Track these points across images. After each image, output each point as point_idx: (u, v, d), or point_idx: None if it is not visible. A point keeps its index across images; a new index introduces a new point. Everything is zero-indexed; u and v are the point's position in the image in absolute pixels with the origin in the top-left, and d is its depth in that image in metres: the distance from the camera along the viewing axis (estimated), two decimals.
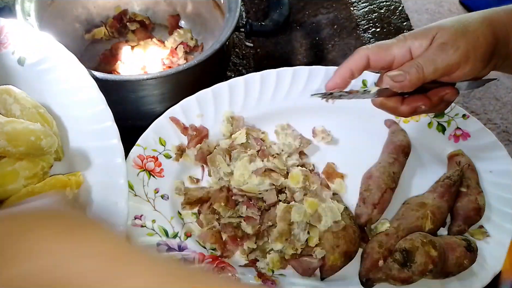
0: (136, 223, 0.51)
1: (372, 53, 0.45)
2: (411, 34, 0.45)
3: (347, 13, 0.86)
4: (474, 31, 0.44)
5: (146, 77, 0.56)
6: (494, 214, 0.56)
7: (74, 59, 0.52)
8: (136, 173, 0.54)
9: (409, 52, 0.45)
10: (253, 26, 0.65)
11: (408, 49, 0.45)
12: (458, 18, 0.46)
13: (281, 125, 0.61)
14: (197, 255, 0.51)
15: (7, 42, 0.53)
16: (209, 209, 0.54)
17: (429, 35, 0.44)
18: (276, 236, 0.52)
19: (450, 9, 2.02)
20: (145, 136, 0.56)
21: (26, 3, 0.60)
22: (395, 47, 0.45)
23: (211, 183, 0.57)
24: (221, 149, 0.57)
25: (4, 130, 0.43)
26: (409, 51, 0.45)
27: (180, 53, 0.74)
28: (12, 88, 0.49)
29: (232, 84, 0.61)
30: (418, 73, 0.43)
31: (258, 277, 0.50)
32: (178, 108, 0.58)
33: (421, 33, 0.45)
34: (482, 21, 0.45)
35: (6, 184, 0.45)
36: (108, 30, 0.75)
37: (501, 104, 1.73)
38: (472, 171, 0.58)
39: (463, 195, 0.56)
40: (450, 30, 0.44)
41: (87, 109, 0.50)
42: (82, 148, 0.50)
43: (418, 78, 0.43)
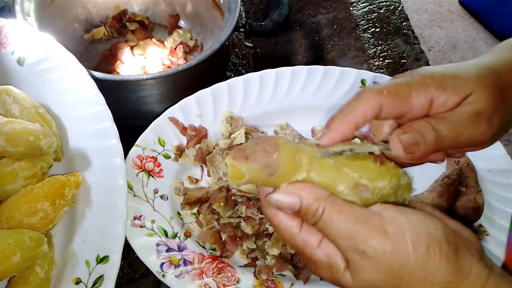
0: (136, 224, 0.51)
1: (387, 103, 0.33)
2: (436, 78, 0.34)
3: (346, 13, 0.86)
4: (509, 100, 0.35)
5: (146, 77, 0.56)
6: (493, 213, 0.56)
7: (74, 59, 0.52)
8: (135, 173, 0.54)
9: (429, 104, 0.34)
10: (253, 26, 0.65)
11: (430, 100, 0.34)
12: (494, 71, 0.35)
13: (280, 124, 0.61)
14: (197, 255, 0.51)
15: (6, 42, 0.53)
16: (209, 209, 0.54)
17: (462, 91, 0.34)
18: (273, 241, 0.52)
19: (450, 9, 2.02)
20: (144, 136, 0.56)
21: (26, 3, 0.60)
22: (414, 96, 0.33)
23: (211, 183, 0.57)
24: (220, 149, 0.57)
25: (3, 130, 0.43)
26: (430, 103, 0.34)
27: (180, 53, 0.74)
28: (12, 88, 0.49)
29: (231, 84, 0.61)
30: (435, 144, 0.33)
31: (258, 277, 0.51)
32: (177, 108, 0.58)
33: (452, 85, 0.34)
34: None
35: (5, 184, 0.45)
36: (108, 30, 0.75)
37: None
38: (471, 170, 0.58)
39: (462, 194, 0.56)
40: (489, 95, 0.34)
41: (86, 109, 0.50)
42: (81, 148, 0.50)
43: (433, 150, 0.33)
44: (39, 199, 0.44)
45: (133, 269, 0.56)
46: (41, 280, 0.43)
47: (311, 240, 0.31)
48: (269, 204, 0.32)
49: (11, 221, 0.43)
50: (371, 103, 0.33)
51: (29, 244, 0.41)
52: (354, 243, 0.29)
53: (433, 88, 0.33)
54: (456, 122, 0.33)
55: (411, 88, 0.34)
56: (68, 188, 0.45)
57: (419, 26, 1.93)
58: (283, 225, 0.32)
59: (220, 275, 0.50)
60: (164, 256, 0.49)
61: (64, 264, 0.46)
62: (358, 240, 0.29)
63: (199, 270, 0.49)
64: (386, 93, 0.33)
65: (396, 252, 0.28)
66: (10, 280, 0.43)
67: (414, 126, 0.33)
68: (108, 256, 0.45)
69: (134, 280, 0.55)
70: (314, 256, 0.31)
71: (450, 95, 0.33)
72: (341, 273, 0.31)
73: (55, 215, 0.45)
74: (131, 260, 0.56)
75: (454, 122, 0.33)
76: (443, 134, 0.33)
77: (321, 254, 0.31)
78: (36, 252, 0.42)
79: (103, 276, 0.45)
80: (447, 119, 0.33)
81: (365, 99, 0.33)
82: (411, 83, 0.34)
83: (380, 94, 0.33)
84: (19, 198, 0.44)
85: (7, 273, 0.41)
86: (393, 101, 0.33)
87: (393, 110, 0.33)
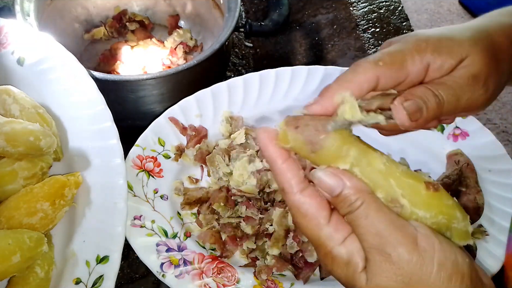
0: (136, 224, 0.51)
1: (383, 74, 0.32)
2: (431, 42, 0.33)
3: (346, 13, 0.86)
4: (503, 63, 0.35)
5: (146, 77, 0.56)
6: (493, 213, 0.56)
7: (74, 59, 0.52)
8: (135, 173, 0.54)
9: (425, 70, 0.33)
10: (253, 26, 0.65)
11: (426, 65, 0.33)
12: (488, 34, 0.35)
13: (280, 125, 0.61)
14: (197, 255, 0.51)
15: (6, 42, 0.53)
16: (209, 209, 0.54)
17: (457, 55, 0.33)
18: (273, 241, 0.52)
19: (450, 9, 2.02)
20: (144, 137, 0.56)
21: (26, 3, 0.60)
22: (410, 63, 0.33)
23: (210, 183, 0.57)
24: (220, 149, 0.57)
25: (3, 130, 0.43)
26: (427, 68, 0.33)
27: (180, 53, 0.74)
28: (11, 88, 0.49)
29: (231, 84, 0.61)
30: (437, 109, 0.32)
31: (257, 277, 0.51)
32: (177, 108, 0.58)
33: (447, 48, 0.33)
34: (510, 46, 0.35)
35: (5, 184, 0.45)
36: (108, 30, 0.75)
37: (501, 104, 1.73)
38: (471, 170, 0.58)
39: (462, 194, 0.56)
40: (485, 57, 0.33)
41: (86, 109, 0.50)
42: (81, 149, 0.50)
43: (434, 116, 0.33)
44: (39, 199, 0.44)
45: (133, 269, 0.56)
46: (41, 280, 0.43)
47: (336, 235, 0.30)
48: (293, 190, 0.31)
49: (11, 221, 0.43)
50: (367, 75, 0.32)
51: (29, 244, 0.41)
52: (381, 243, 0.28)
53: (428, 53, 0.33)
54: (455, 87, 0.33)
55: (406, 55, 0.33)
56: (68, 188, 0.45)
57: (419, 26, 1.93)
58: (312, 213, 0.30)
59: (220, 275, 0.50)
60: (164, 256, 0.49)
61: (64, 264, 0.46)
62: (386, 242, 0.28)
63: (199, 270, 0.49)
64: (382, 64, 0.32)
65: (420, 266, 0.28)
66: (10, 280, 0.43)
67: (416, 93, 0.32)
68: (108, 256, 0.45)
69: (134, 280, 0.55)
70: (335, 251, 0.30)
71: (446, 59, 0.33)
72: (357, 272, 0.30)
73: (55, 215, 0.45)
74: (131, 260, 0.56)
75: (453, 87, 0.33)
76: (444, 99, 0.32)
77: (343, 250, 0.30)
78: (36, 252, 0.42)
79: (103, 276, 0.45)
80: (446, 84, 0.33)
81: (362, 71, 0.32)
82: (405, 50, 0.33)
83: (376, 66, 0.32)
84: (19, 198, 0.44)
85: (7, 273, 0.41)
86: (390, 71, 0.32)
87: (390, 80, 0.33)
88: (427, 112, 0.32)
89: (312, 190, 0.31)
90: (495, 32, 0.36)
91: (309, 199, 0.30)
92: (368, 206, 0.29)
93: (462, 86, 0.33)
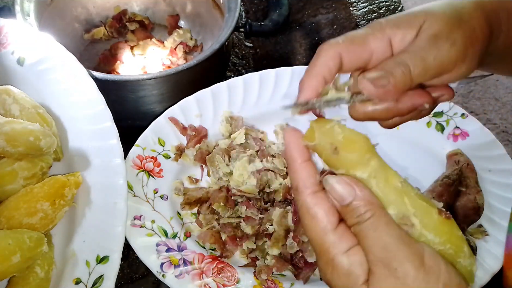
0: (136, 224, 0.51)
1: (345, 51, 0.34)
2: (389, 20, 0.35)
3: (346, 13, 0.86)
4: (469, 20, 0.35)
5: (146, 77, 0.56)
6: (493, 213, 0.56)
7: (74, 59, 0.52)
8: (135, 173, 0.54)
9: (389, 46, 0.34)
10: (253, 26, 0.65)
11: (388, 41, 0.34)
12: (447, 2, 0.36)
13: (280, 125, 0.61)
14: (197, 255, 0.51)
15: (6, 42, 0.53)
16: (209, 209, 0.54)
17: (415, 24, 0.34)
18: (273, 241, 0.52)
19: None
20: (144, 137, 0.56)
21: (26, 3, 0.60)
22: (372, 40, 0.34)
23: (210, 183, 0.57)
24: (220, 149, 0.57)
25: (3, 130, 0.43)
26: (390, 44, 0.34)
27: (180, 53, 0.74)
28: (11, 88, 0.49)
29: (231, 84, 0.61)
30: (404, 74, 0.33)
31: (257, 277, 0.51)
32: (177, 108, 0.58)
33: (404, 21, 0.35)
34: (476, 8, 0.36)
35: (5, 184, 0.45)
36: (108, 30, 0.75)
37: (501, 104, 1.73)
38: (471, 170, 0.58)
39: (462, 194, 0.56)
40: (442, 18, 0.34)
41: (86, 109, 0.50)
42: (81, 149, 0.50)
43: (405, 82, 0.33)
44: (39, 199, 0.44)
45: (133, 269, 0.56)
46: (41, 280, 0.43)
47: (341, 243, 0.30)
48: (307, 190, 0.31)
49: (11, 221, 0.43)
50: (329, 54, 0.34)
51: (29, 244, 0.41)
52: (388, 257, 0.28)
53: (388, 29, 0.34)
54: (417, 50, 0.33)
55: (367, 33, 0.34)
56: (68, 188, 0.45)
57: None
58: (320, 216, 0.30)
59: (220, 275, 0.50)
60: (164, 256, 0.49)
61: (64, 264, 0.46)
62: (393, 256, 0.28)
63: (199, 270, 0.49)
64: (342, 41, 0.34)
65: (425, 284, 0.27)
66: (10, 280, 0.43)
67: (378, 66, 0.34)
68: (108, 256, 0.45)
69: (134, 280, 0.55)
70: (337, 259, 0.30)
71: (405, 30, 0.34)
72: (358, 285, 0.29)
73: (55, 215, 0.45)
74: (131, 260, 0.56)
75: (415, 50, 0.33)
76: (408, 63, 0.33)
77: (345, 260, 0.30)
78: (36, 252, 0.42)
79: (103, 276, 0.45)
80: (407, 50, 0.34)
81: (323, 52, 0.34)
82: (366, 30, 0.35)
83: (337, 44, 0.34)
84: (19, 198, 0.44)
85: (7, 273, 0.41)
86: (351, 48, 0.34)
87: (354, 57, 0.34)
88: (395, 79, 0.33)
89: (324, 195, 0.31)
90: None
91: (321, 202, 0.30)
92: (378, 219, 0.29)
93: (424, 46, 0.33)
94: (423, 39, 0.34)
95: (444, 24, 0.34)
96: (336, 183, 0.30)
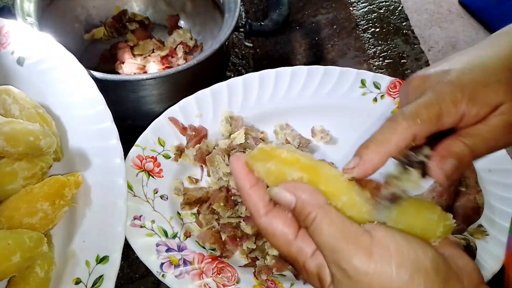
0: (135, 224, 0.51)
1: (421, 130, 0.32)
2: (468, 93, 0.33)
3: (346, 13, 0.86)
4: None
5: (145, 77, 0.56)
6: (493, 213, 0.56)
7: (74, 59, 0.52)
8: (135, 173, 0.54)
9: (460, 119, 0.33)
10: (253, 26, 0.65)
11: (462, 115, 0.33)
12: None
13: (280, 124, 0.61)
14: (197, 255, 0.51)
15: (6, 42, 0.53)
16: (208, 209, 0.54)
17: (493, 103, 0.33)
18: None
19: (450, 9, 2.02)
20: (144, 137, 0.56)
21: (26, 3, 0.60)
22: (446, 116, 0.33)
23: (210, 183, 0.57)
24: (220, 149, 0.57)
25: (3, 130, 0.43)
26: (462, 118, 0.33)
27: (180, 53, 0.74)
28: (11, 88, 0.49)
29: (231, 84, 0.61)
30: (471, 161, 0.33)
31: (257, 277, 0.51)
32: (177, 108, 0.58)
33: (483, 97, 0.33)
34: None
35: (5, 184, 0.45)
36: (108, 30, 0.75)
37: None
38: (471, 170, 0.58)
39: (462, 194, 0.56)
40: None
41: (86, 109, 0.50)
42: (81, 149, 0.50)
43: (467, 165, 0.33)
44: (39, 199, 0.44)
45: (133, 269, 0.56)
46: (41, 280, 0.43)
47: (305, 249, 0.31)
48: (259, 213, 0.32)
49: (11, 221, 0.43)
50: (405, 134, 0.32)
51: (29, 244, 0.41)
52: (337, 258, 0.28)
53: (464, 104, 0.33)
54: (489, 138, 0.33)
55: (442, 108, 0.33)
56: (68, 188, 0.45)
57: (419, 26, 1.93)
58: (279, 231, 0.31)
59: (220, 275, 0.50)
60: (164, 256, 0.49)
61: (64, 264, 0.46)
62: (340, 257, 0.28)
63: (199, 270, 0.49)
64: (419, 122, 0.32)
65: (378, 274, 0.27)
66: (10, 280, 0.43)
67: (451, 149, 0.32)
68: (108, 256, 0.45)
69: (134, 280, 0.55)
70: (306, 265, 0.31)
71: (481, 108, 0.33)
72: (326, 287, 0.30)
73: (55, 215, 0.45)
74: (131, 260, 0.56)
75: (488, 139, 0.33)
76: (478, 152, 0.33)
77: (312, 264, 0.30)
78: (36, 252, 0.42)
79: (103, 276, 0.45)
80: (481, 135, 0.33)
81: (400, 130, 0.32)
82: (441, 102, 0.33)
83: (415, 124, 0.32)
84: (19, 198, 0.44)
85: (7, 273, 0.41)
86: (427, 128, 0.32)
87: (425, 134, 0.33)
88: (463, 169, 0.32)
89: (277, 211, 0.32)
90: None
91: (275, 219, 0.32)
92: (321, 221, 0.29)
93: (497, 135, 0.33)
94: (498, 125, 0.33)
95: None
96: (278, 191, 0.31)
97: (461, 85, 0.33)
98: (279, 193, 0.31)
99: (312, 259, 0.31)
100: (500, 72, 0.34)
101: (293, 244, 0.31)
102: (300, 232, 0.31)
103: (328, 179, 0.31)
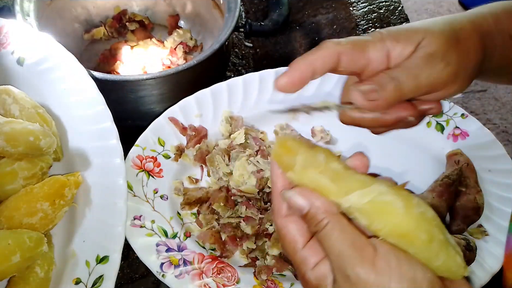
0: (135, 224, 0.51)
1: (345, 53, 0.34)
2: (390, 32, 0.36)
3: (346, 13, 0.86)
4: (465, 42, 0.36)
5: (146, 77, 0.56)
6: (493, 213, 0.56)
7: (74, 59, 0.52)
8: (135, 173, 0.54)
9: (386, 57, 0.35)
10: (253, 26, 0.65)
11: (387, 53, 0.35)
12: (447, 21, 0.37)
13: (280, 125, 0.61)
14: (197, 255, 0.51)
15: (6, 42, 0.53)
16: (208, 209, 0.54)
17: (414, 40, 0.35)
18: (273, 241, 0.52)
19: (449, 9, 2.02)
20: (144, 137, 0.56)
21: (26, 3, 0.60)
22: (371, 49, 0.35)
23: (210, 183, 0.57)
24: (220, 149, 0.57)
25: (3, 130, 0.43)
26: (387, 56, 0.35)
27: (180, 53, 0.74)
28: (11, 88, 0.49)
29: (231, 84, 0.61)
30: (395, 90, 0.34)
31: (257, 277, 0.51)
32: (177, 108, 0.58)
33: (404, 35, 0.35)
34: (473, 29, 0.36)
35: (5, 184, 0.45)
36: (108, 30, 0.75)
37: (500, 104, 1.73)
38: (471, 170, 0.58)
39: (462, 194, 0.56)
40: (440, 37, 0.35)
41: (86, 109, 0.50)
42: (81, 149, 0.50)
43: (395, 97, 0.34)
44: (39, 199, 0.44)
45: (133, 269, 0.56)
46: (41, 280, 0.43)
47: (309, 259, 0.32)
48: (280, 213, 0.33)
49: (11, 221, 0.43)
50: (329, 50, 0.34)
51: (29, 244, 0.41)
52: (343, 265, 0.29)
53: (388, 41, 0.35)
54: (411, 66, 0.34)
55: (368, 42, 0.35)
56: (68, 188, 0.45)
57: None
58: (291, 236, 0.32)
59: (220, 275, 0.50)
60: (164, 256, 0.49)
61: (64, 264, 0.46)
62: (346, 263, 0.29)
63: (199, 270, 0.49)
64: (344, 43, 0.35)
65: (376, 286, 0.28)
66: (10, 280, 0.43)
67: (372, 78, 0.35)
68: (108, 256, 0.45)
69: (134, 280, 0.55)
70: (307, 276, 0.32)
71: (404, 45, 0.35)
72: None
73: (55, 215, 0.45)
74: (131, 260, 0.56)
75: (410, 67, 0.34)
76: (401, 80, 0.34)
77: (312, 276, 0.31)
78: (36, 252, 0.42)
79: (103, 276, 0.45)
80: (403, 65, 0.35)
81: (325, 47, 0.35)
82: (367, 39, 0.35)
83: (339, 44, 0.34)
84: (19, 198, 0.44)
85: (7, 273, 0.41)
86: (351, 51, 0.34)
87: (351, 61, 0.35)
88: (385, 93, 0.34)
89: (296, 218, 0.32)
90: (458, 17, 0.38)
91: (291, 224, 0.32)
92: (333, 227, 0.30)
93: (419, 64, 0.34)
94: (419, 56, 0.35)
95: (441, 44, 0.35)
96: (292, 195, 0.31)
97: (387, 29, 0.36)
98: (292, 197, 0.31)
99: (313, 271, 0.31)
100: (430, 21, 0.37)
101: (299, 253, 0.32)
102: (311, 241, 0.32)
103: None
